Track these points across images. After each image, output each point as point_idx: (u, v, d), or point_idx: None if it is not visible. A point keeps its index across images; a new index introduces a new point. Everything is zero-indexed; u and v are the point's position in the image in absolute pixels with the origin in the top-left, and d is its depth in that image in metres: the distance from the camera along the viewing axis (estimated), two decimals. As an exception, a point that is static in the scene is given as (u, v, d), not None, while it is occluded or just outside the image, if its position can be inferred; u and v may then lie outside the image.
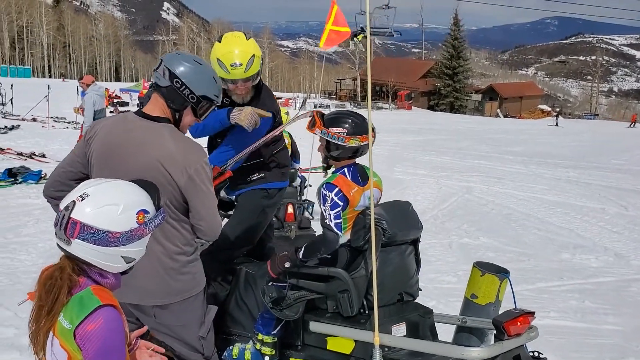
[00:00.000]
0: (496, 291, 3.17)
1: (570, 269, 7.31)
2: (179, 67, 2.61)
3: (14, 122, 18.43)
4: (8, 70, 61.60)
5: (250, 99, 3.55)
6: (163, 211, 1.98)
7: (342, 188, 3.05)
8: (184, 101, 2.63)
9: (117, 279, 1.94)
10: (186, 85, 2.60)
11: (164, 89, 2.62)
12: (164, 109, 2.65)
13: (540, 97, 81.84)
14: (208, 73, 2.71)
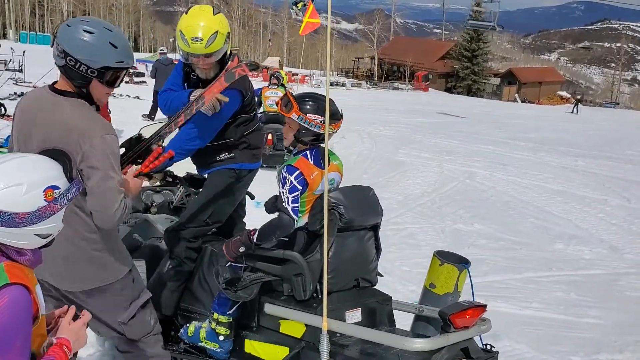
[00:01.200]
0: (454, 281, 3.13)
1: (561, 259, 7.23)
2: (69, 42, 2.46)
3: (24, 89, 18.48)
4: (27, 36, 61.80)
5: (215, 76, 3.48)
6: (78, 182, 1.92)
7: (304, 171, 3.00)
8: (84, 77, 2.51)
9: (35, 255, 1.90)
10: (80, 62, 2.46)
11: (61, 68, 2.51)
12: (70, 85, 2.56)
13: (561, 83, 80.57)
14: (102, 41, 2.49)
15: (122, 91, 22.89)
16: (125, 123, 14.28)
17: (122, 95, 21.71)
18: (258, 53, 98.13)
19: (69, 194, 1.88)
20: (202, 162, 3.72)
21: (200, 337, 3.29)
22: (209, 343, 3.27)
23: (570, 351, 4.69)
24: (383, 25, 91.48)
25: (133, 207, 4.13)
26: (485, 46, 72.29)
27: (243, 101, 3.53)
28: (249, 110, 3.64)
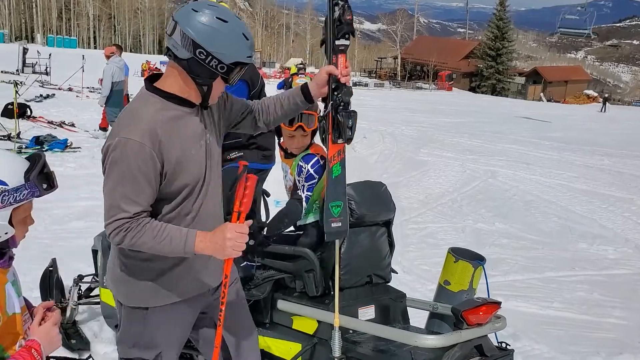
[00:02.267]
0: (469, 279, 3.08)
1: (584, 259, 7.10)
2: (201, 32, 2.03)
3: (49, 92, 18.82)
4: (55, 40, 62.88)
5: None
6: (33, 186, 1.82)
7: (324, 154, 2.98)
8: (211, 74, 2.10)
9: None
10: (213, 55, 2.05)
11: (184, 61, 2.08)
12: (186, 85, 2.15)
13: (588, 82, 79.45)
14: (236, 32, 2.10)
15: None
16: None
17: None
18: (281, 54, 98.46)
19: (17, 194, 1.79)
20: None
21: None
22: None
23: (592, 352, 4.59)
24: (406, 25, 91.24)
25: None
26: (510, 45, 71.63)
27: (250, 93, 3.53)
28: None
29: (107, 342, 4.09)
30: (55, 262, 4.36)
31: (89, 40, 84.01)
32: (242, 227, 2.05)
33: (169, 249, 2.09)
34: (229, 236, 2.01)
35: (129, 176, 2.06)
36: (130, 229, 2.05)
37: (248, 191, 2.09)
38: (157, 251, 2.10)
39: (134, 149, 2.06)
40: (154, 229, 2.07)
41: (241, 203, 2.08)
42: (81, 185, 8.53)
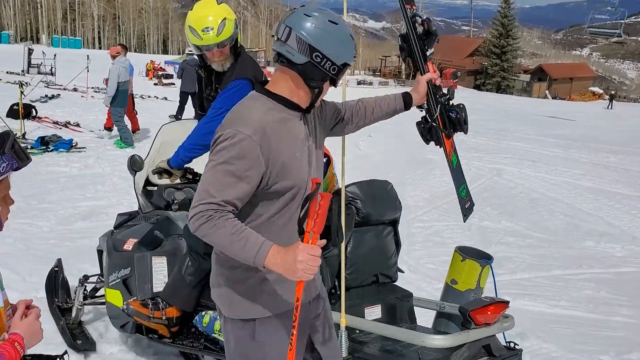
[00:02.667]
0: (477, 278, 3.05)
1: (591, 257, 7.06)
2: (317, 36, 2.09)
3: (55, 92, 18.85)
4: (60, 41, 63.08)
5: (230, 65, 3.51)
6: (10, 158, 1.81)
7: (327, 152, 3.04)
8: (325, 75, 2.14)
9: None
10: (327, 57, 2.10)
11: (300, 66, 2.11)
12: (298, 89, 2.17)
13: (593, 79, 79.13)
14: (345, 34, 2.17)
15: (150, 92, 23.22)
16: (152, 123, 14.46)
17: (150, 96, 21.99)
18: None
19: None
20: None
21: (214, 328, 3.29)
22: (222, 335, 3.26)
23: (600, 350, 4.56)
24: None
25: (154, 204, 4.17)
26: (515, 42, 71.39)
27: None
28: None
29: (113, 342, 4.08)
30: (60, 263, 4.36)
31: (93, 41, 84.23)
32: (314, 250, 1.93)
33: (239, 252, 1.98)
34: (300, 258, 1.90)
35: (230, 167, 2.03)
36: (212, 218, 1.97)
37: (321, 210, 1.96)
38: (227, 250, 2.01)
39: (242, 141, 2.05)
40: (234, 226, 1.97)
41: (314, 223, 1.96)
42: (87, 185, 8.53)
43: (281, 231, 2.16)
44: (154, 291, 3.63)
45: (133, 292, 3.68)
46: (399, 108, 2.64)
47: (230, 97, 3.47)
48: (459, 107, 2.77)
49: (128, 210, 7.10)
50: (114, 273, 3.78)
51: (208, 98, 3.66)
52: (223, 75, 3.55)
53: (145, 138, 12.62)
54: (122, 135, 11.45)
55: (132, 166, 3.98)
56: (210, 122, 3.52)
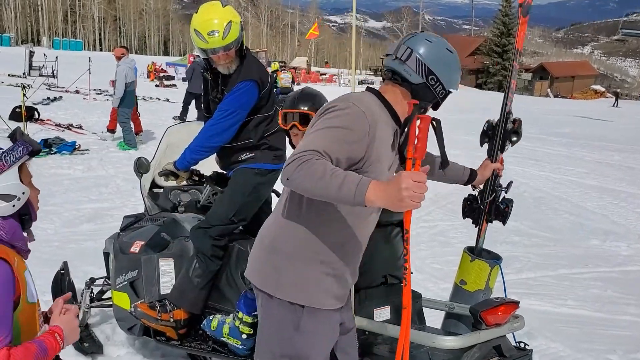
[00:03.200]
0: (486, 278, 3.03)
1: (597, 256, 7.04)
2: (435, 61, 2.24)
3: (57, 94, 18.88)
4: (60, 43, 63.17)
5: (236, 68, 3.50)
6: (23, 142, 1.95)
7: None
8: (434, 98, 2.28)
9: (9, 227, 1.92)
10: (441, 82, 2.25)
11: (415, 85, 2.23)
12: (403, 105, 2.27)
13: (595, 77, 79.10)
14: (458, 62, 2.34)
15: (152, 94, 23.24)
16: (155, 125, 14.47)
17: (152, 98, 22.00)
18: (286, 54, 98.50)
19: (14, 152, 1.92)
20: (225, 163, 3.74)
21: (223, 332, 3.28)
22: (231, 339, 3.27)
23: (607, 350, 4.54)
24: (411, 23, 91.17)
25: (161, 207, 4.16)
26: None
27: (260, 93, 3.51)
28: (267, 109, 3.62)
29: (120, 345, 4.08)
30: (66, 265, 4.36)
31: (94, 43, 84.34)
32: (419, 176, 1.83)
33: (335, 190, 1.87)
34: (405, 185, 1.80)
35: (338, 132, 2.03)
36: (308, 160, 1.91)
37: (422, 134, 1.89)
38: (321, 189, 1.89)
39: (357, 114, 2.08)
40: (331, 167, 1.91)
41: (415, 148, 1.89)
42: (90, 187, 8.54)
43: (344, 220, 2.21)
44: (162, 293, 3.64)
45: (140, 295, 3.68)
46: (462, 180, 2.96)
47: (236, 98, 3.47)
48: (510, 200, 3.06)
49: (133, 212, 7.14)
50: (121, 275, 3.78)
51: (214, 100, 3.66)
52: (229, 78, 3.54)
53: (148, 140, 12.63)
54: (125, 137, 11.45)
55: (139, 168, 3.97)
56: (217, 124, 3.52)
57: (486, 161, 3.11)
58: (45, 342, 1.88)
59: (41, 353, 1.85)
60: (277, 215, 2.34)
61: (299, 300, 2.22)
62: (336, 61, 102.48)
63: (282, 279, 2.23)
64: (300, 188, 1.95)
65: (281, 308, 2.24)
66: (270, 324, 2.29)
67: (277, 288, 2.23)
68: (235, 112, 3.48)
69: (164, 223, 4.00)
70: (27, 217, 2.01)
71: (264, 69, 3.65)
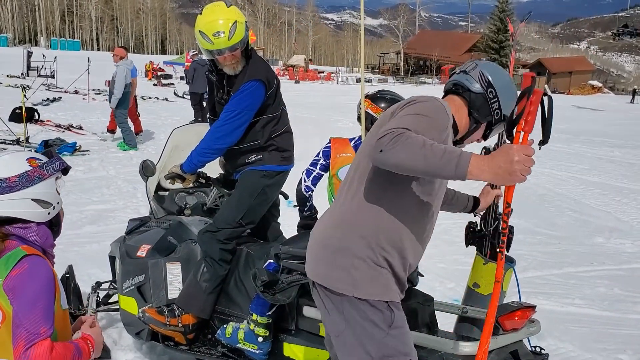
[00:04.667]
0: (499, 281, 2.99)
1: (602, 253, 7.02)
2: (497, 78, 2.34)
3: (56, 95, 18.81)
4: (58, 43, 62.97)
5: (242, 69, 3.46)
6: (59, 158, 2.21)
7: (333, 146, 3.14)
8: (488, 114, 2.33)
9: (43, 233, 2.09)
10: (498, 98, 2.32)
11: (473, 94, 2.32)
12: (460, 117, 2.33)
13: (592, 72, 79.07)
14: (516, 91, 2.39)
15: (150, 93, 23.16)
16: (155, 125, 14.42)
17: (151, 97, 21.93)
18: (284, 52, 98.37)
19: (52, 164, 2.17)
20: (232, 165, 3.70)
21: (238, 338, 3.24)
22: (247, 344, 3.22)
23: (617, 349, 4.51)
24: (408, 20, 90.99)
25: (167, 210, 4.12)
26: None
27: (267, 93, 3.47)
28: (274, 109, 3.58)
29: (127, 349, 4.04)
30: (71, 269, 4.32)
31: (92, 42, 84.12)
32: (528, 149, 1.85)
33: (436, 159, 1.81)
34: (517, 158, 1.81)
35: (425, 119, 2.02)
36: (403, 134, 1.86)
37: (533, 107, 1.92)
38: (421, 158, 1.82)
39: (442, 108, 2.13)
40: (426, 139, 1.87)
41: (525, 122, 1.93)
42: (92, 189, 8.49)
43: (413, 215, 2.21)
44: (169, 298, 3.60)
45: (148, 299, 3.64)
46: (468, 208, 3.02)
47: (243, 99, 3.43)
48: (511, 227, 2.93)
49: (135, 214, 7.10)
50: (128, 280, 3.74)
51: (220, 102, 3.62)
52: (235, 78, 3.50)
53: (148, 140, 12.58)
54: (125, 137, 11.40)
55: (144, 171, 3.93)
56: (224, 125, 3.47)
57: (487, 188, 3.08)
58: (80, 345, 2.02)
59: (77, 354, 1.99)
60: (340, 214, 2.25)
61: (381, 297, 2.14)
62: (334, 59, 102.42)
63: (358, 276, 2.14)
64: (394, 159, 1.85)
65: (364, 308, 2.14)
66: (357, 327, 2.15)
67: (354, 287, 2.13)
68: (242, 112, 3.44)
69: (170, 226, 3.96)
70: (56, 229, 2.21)
71: (270, 69, 3.61)
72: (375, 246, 2.15)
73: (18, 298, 1.84)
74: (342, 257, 2.17)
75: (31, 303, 1.85)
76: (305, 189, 3.19)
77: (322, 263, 2.23)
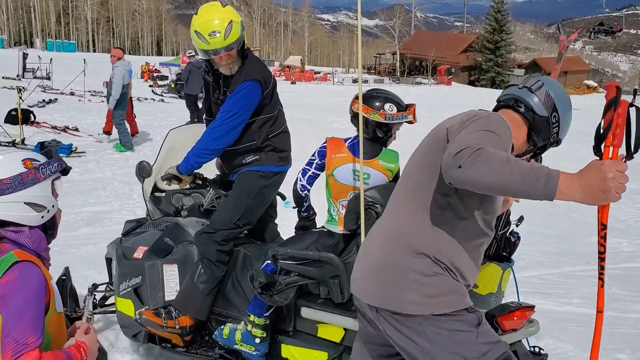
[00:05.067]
0: (498, 281, 2.99)
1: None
2: (561, 102, 2.25)
3: (52, 96, 18.75)
4: (54, 44, 62.76)
5: (238, 69, 3.44)
6: (58, 159, 2.12)
7: (329, 146, 3.11)
8: (547, 139, 2.26)
9: (36, 237, 2.01)
10: (559, 124, 2.25)
11: (537, 116, 2.22)
12: (518, 137, 2.22)
13: (587, 72, 79.19)
14: (569, 124, 2.34)
15: (146, 95, 23.11)
16: (151, 126, 14.38)
17: (147, 99, 21.88)
18: (280, 52, 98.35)
19: (50, 166, 2.07)
20: (229, 166, 3.68)
21: (235, 339, 3.22)
22: (244, 345, 3.20)
23: (616, 349, 4.51)
24: (404, 20, 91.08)
25: (163, 211, 4.10)
26: (508, 37, 71.42)
27: (263, 93, 3.46)
28: (271, 109, 3.57)
29: (124, 351, 4.02)
30: (68, 271, 4.30)
31: (87, 44, 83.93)
32: (620, 165, 1.72)
33: (520, 178, 1.70)
34: (611, 175, 1.69)
35: (494, 137, 1.92)
36: (484, 149, 1.76)
37: (620, 119, 1.78)
38: (505, 174, 1.71)
39: (507, 128, 2.03)
40: (509, 155, 1.78)
41: (613, 136, 1.78)
42: (88, 190, 8.46)
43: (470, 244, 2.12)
44: (166, 300, 3.58)
45: (145, 301, 3.62)
46: None
47: (239, 99, 3.41)
48: (518, 234, 3.03)
49: (131, 215, 7.06)
50: (125, 282, 3.72)
51: (216, 102, 3.60)
52: (231, 78, 3.48)
53: (144, 141, 12.55)
54: (121, 138, 11.37)
55: (141, 173, 3.91)
56: (220, 125, 3.45)
57: None
58: (72, 354, 1.94)
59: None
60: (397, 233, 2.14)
61: (459, 305, 2.04)
62: (330, 59, 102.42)
63: (430, 293, 2.02)
64: (475, 175, 1.73)
65: (445, 321, 2.02)
66: (445, 342, 2.01)
67: (429, 305, 2.02)
68: (239, 112, 3.42)
69: (166, 228, 3.94)
70: (51, 232, 2.13)
71: (266, 68, 3.60)
72: (439, 261, 2.05)
73: (7, 306, 1.79)
74: (407, 277, 2.04)
75: (20, 312, 1.80)
76: (301, 188, 3.18)
77: (386, 286, 2.08)
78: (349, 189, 2.99)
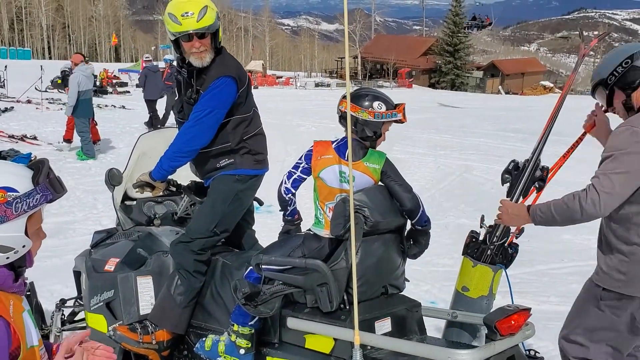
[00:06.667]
0: (489, 283, 2.93)
1: (571, 250, 7.07)
2: None
3: (7, 104, 18.15)
4: (7, 52, 60.99)
5: (211, 62, 3.29)
6: (45, 189, 1.66)
7: (315, 148, 2.99)
8: None
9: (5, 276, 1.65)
10: None
11: None
12: None
13: (543, 73, 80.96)
14: None
15: (107, 102, 22.60)
16: (113, 133, 14.02)
17: (108, 105, 21.38)
18: (241, 57, 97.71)
19: (29, 199, 1.63)
20: (202, 171, 3.52)
21: (218, 351, 3.07)
22: (228, 357, 3.05)
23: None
24: (364, 25, 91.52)
25: (135, 220, 3.91)
26: (467, 40, 72.56)
27: (238, 91, 3.32)
28: (246, 109, 3.43)
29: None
30: (33, 286, 4.08)
31: (43, 51, 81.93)
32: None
33: None
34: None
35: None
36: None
37: None
38: None
39: None
40: None
41: None
42: (49, 201, 8.15)
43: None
44: (141, 314, 3.41)
45: (118, 316, 3.44)
46: None
47: (213, 97, 3.26)
48: (516, 246, 3.17)
49: (97, 226, 6.80)
50: (96, 296, 3.53)
51: (189, 102, 3.42)
52: (204, 75, 3.32)
53: (107, 149, 12.22)
54: (84, 146, 11.05)
55: (110, 180, 3.72)
56: (194, 125, 3.30)
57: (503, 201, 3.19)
58: None
59: None
60: None
61: None
62: (291, 64, 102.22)
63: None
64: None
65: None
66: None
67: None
68: (214, 111, 3.27)
69: (139, 238, 3.77)
70: (22, 268, 1.74)
71: (240, 66, 3.46)
72: None
73: None
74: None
75: None
76: (285, 191, 3.04)
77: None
78: (336, 191, 2.88)
